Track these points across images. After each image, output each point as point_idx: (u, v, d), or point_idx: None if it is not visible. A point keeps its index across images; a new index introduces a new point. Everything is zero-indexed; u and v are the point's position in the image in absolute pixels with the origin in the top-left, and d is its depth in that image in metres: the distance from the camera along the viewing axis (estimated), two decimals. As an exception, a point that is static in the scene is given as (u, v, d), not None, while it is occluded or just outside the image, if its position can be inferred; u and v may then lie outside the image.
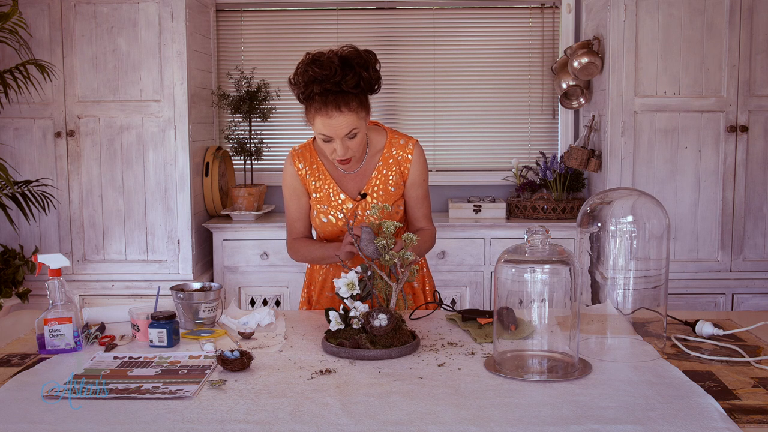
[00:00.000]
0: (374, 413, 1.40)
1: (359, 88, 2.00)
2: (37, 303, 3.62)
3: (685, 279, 3.61)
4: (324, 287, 2.31)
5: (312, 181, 2.21)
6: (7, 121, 3.63)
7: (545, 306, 1.64)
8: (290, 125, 4.25)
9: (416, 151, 2.20)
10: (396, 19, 4.21)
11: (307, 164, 2.21)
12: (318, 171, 2.21)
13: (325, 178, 2.20)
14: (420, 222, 2.27)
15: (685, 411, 1.40)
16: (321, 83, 1.97)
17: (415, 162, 2.20)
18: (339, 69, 1.96)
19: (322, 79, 1.96)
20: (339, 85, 1.97)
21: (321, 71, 1.96)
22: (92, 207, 3.66)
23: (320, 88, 1.97)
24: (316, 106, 2.00)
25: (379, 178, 2.19)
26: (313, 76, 1.97)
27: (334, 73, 1.96)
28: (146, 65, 3.58)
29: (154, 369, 1.67)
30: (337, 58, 1.97)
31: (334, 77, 1.96)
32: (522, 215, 3.92)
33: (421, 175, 2.22)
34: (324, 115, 2.00)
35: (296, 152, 2.24)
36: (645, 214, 1.81)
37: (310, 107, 2.02)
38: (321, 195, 2.20)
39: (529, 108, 4.23)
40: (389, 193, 2.19)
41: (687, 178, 3.58)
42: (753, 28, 3.50)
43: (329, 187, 2.20)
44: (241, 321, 2.02)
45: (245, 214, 3.83)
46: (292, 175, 2.23)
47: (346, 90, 1.98)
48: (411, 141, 2.21)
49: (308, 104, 2.03)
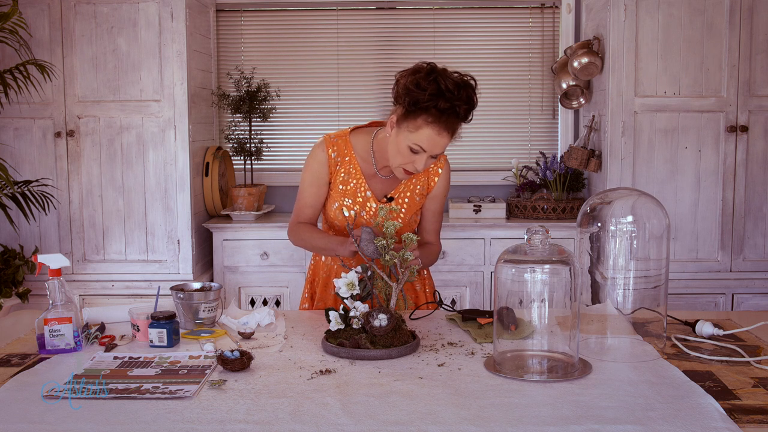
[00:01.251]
0: (374, 413, 1.40)
1: (465, 116, 2.03)
2: (37, 303, 3.62)
3: (685, 279, 3.61)
4: (328, 284, 2.31)
5: (341, 172, 2.21)
6: (7, 121, 3.63)
7: (545, 306, 1.64)
8: (290, 125, 4.25)
9: (446, 168, 2.28)
10: (396, 19, 4.21)
11: (340, 154, 2.21)
12: (350, 164, 2.21)
13: (356, 173, 2.21)
14: (429, 236, 2.31)
15: (685, 411, 1.40)
16: (447, 100, 1.95)
17: (443, 177, 2.27)
18: (463, 93, 1.97)
19: (449, 96, 1.95)
20: (457, 108, 1.97)
21: (451, 88, 1.95)
22: (92, 207, 3.66)
23: (446, 105, 1.96)
24: (429, 118, 1.97)
25: (407, 185, 2.23)
26: (442, 90, 1.95)
27: (459, 95, 1.96)
28: (146, 65, 3.58)
29: (154, 369, 1.67)
30: (463, 84, 1.98)
31: (458, 100, 1.96)
32: (522, 215, 3.92)
33: (444, 190, 2.28)
34: (435, 129, 1.98)
35: (331, 139, 2.23)
36: (645, 214, 1.81)
37: (421, 115, 1.98)
38: (348, 188, 2.21)
39: (529, 108, 4.23)
40: (414, 201, 2.23)
41: (687, 178, 3.58)
42: (753, 28, 3.50)
43: (358, 182, 2.21)
44: (241, 321, 2.02)
45: (245, 214, 3.83)
46: (321, 161, 2.22)
47: (459, 114, 1.99)
48: (443, 156, 2.28)
49: (419, 112, 1.98)
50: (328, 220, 2.30)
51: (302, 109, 4.25)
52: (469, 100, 1.99)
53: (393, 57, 4.21)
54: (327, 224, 2.33)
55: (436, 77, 1.97)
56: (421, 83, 1.97)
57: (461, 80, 1.99)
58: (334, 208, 2.24)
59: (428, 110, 1.97)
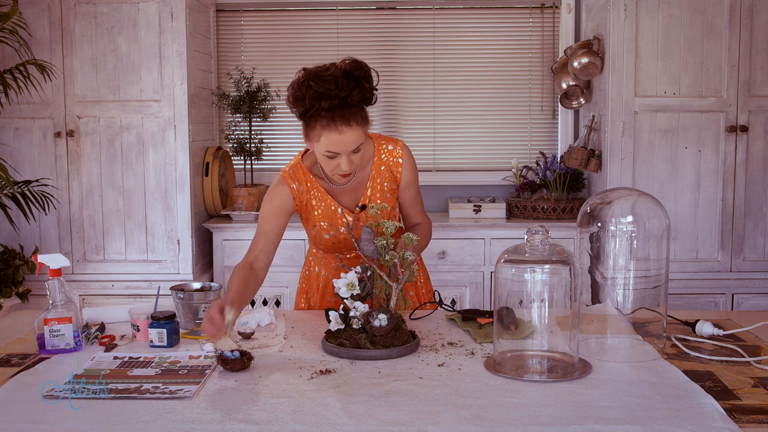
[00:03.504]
0: (374, 413, 1.40)
1: (364, 101, 1.97)
2: (37, 303, 3.62)
3: (685, 279, 3.61)
4: (325, 293, 2.30)
5: (311, 200, 2.16)
6: (7, 121, 3.63)
7: (545, 306, 1.64)
8: (290, 125, 4.25)
9: (405, 154, 2.19)
10: (396, 19, 4.21)
11: (301, 183, 2.15)
12: (313, 188, 2.15)
13: (323, 195, 2.15)
14: (416, 218, 2.28)
15: (685, 411, 1.40)
16: (329, 99, 1.90)
17: (406, 164, 2.19)
18: (345, 83, 1.91)
19: (328, 94, 1.90)
20: (346, 99, 1.92)
21: (327, 86, 1.89)
22: (92, 207, 3.66)
23: (328, 103, 1.90)
24: (322, 123, 1.93)
25: (374, 187, 2.16)
26: (319, 92, 1.90)
27: (341, 87, 1.90)
28: (146, 65, 3.58)
29: (154, 369, 1.67)
30: (340, 72, 1.92)
31: (341, 92, 1.90)
32: (522, 215, 3.92)
33: (412, 176, 2.22)
34: (333, 130, 1.93)
35: (288, 173, 2.16)
36: (645, 214, 1.81)
37: (315, 124, 1.95)
38: (320, 212, 2.15)
39: (529, 108, 4.23)
40: (386, 199, 2.18)
41: (687, 178, 3.58)
42: (753, 28, 3.50)
43: (327, 203, 2.15)
44: (241, 321, 2.02)
45: (245, 214, 3.83)
46: (285, 194, 2.14)
47: (352, 104, 1.94)
48: (398, 144, 2.19)
49: (313, 121, 1.95)
50: (315, 244, 2.24)
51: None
52: (357, 82, 1.92)
53: (393, 57, 4.21)
54: (314, 246, 2.28)
55: (308, 82, 1.91)
56: (297, 95, 1.93)
57: (338, 71, 1.91)
58: (313, 234, 2.19)
59: (316, 117, 1.93)
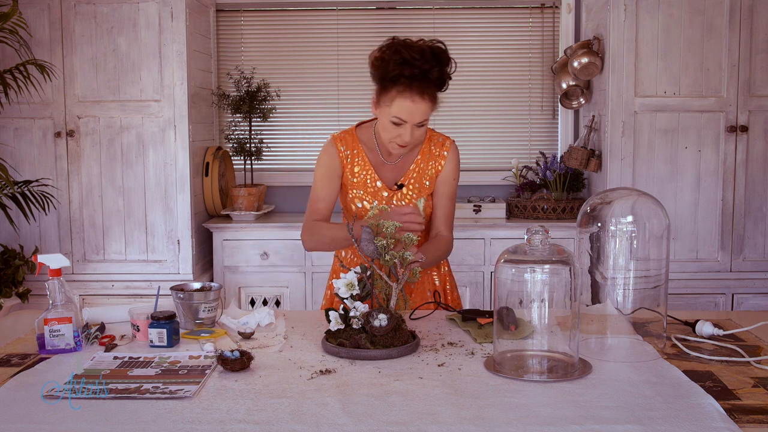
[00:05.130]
0: (374, 413, 1.40)
1: (440, 81, 2.06)
2: (37, 303, 3.62)
3: (685, 279, 3.61)
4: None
5: (354, 165, 2.24)
6: (7, 121, 3.63)
7: (545, 306, 1.64)
8: (290, 125, 4.25)
9: (452, 150, 2.29)
10: (396, 19, 4.21)
11: (349, 148, 2.24)
12: (358, 156, 2.23)
13: (365, 164, 2.23)
14: (439, 225, 2.28)
15: (685, 411, 1.40)
16: (411, 67, 2.00)
17: (450, 159, 2.27)
18: (430, 58, 2.01)
19: (413, 63, 1.99)
20: (427, 73, 2.02)
21: (413, 55, 2.00)
22: (92, 207, 3.66)
23: (410, 71, 2.00)
24: (399, 88, 2.02)
25: (416, 170, 2.24)
26: (405, 59, 2.00)
27: (425, 60, 2.00)
28: (146, 65, 3.58)
29: (154, 369, 1.67)
30: (428, 48, 2.03)
31: (425, 64, 2.00)
32: (522, 215, 3.92)
33: (452, 173, 2.28)
34: (407, 98, 2.02)
35: (338, 136, 2.26)
36: (645, 214, 1.81)
37: (392, 88, 2.03)
38: (358, 180, 2.23)
39: (529, 108, 4.23)
40: (424, 186, 2.25)
41: (687, 178, 3.58)
42: (753, 28, 3.50)
43: (367, 173, 2.23)
44: (241, 321, 2.02)
45: (245, 214, 3.83)
46: (333, 155, 2.24)
47: (431, 79, 2.03)
48: (448, 140, 2.30)
49: (390, 85, 2.04)
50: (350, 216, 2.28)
51: (302, 109, 4.25)
52: (438, 62, 2.03)
53: (393, 57, 4.21)
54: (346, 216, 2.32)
55: (397, 48, 2.01)
56: (384, 57, 2.02)
57: (425, 46, 2.03)
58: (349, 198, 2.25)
59: (397, 81, 2.02)
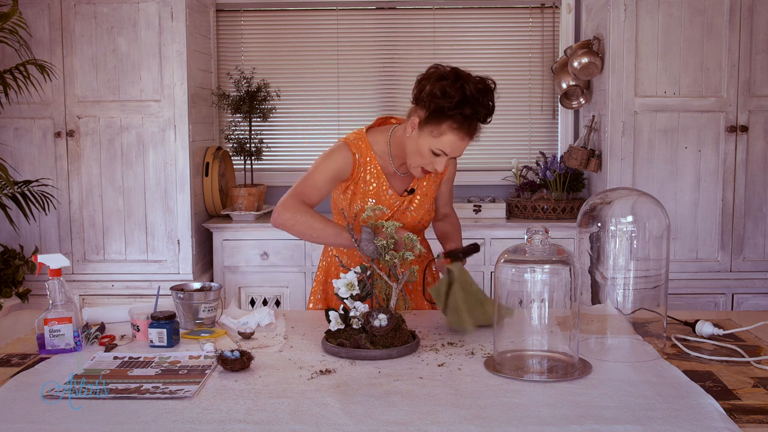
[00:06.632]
0: (374, 413, 1.40)
1: (486, 121, 2.07)
2: (37, 303, 3.62)
3: (685, 279, 3.61)
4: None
5: (366, 175, 2.23)
6: (7, 121, 3.63)
7: (545, 306, 1.64)
8: (290, 125, 4.25)
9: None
10: (396, 19, 4.21)
11: (362, 156, 2.22)
12: (371, 164, 2.23)
13: (378, 174, 2.23)
14: (446, 208, 2.45)
15: (685, 411, 1.40)
16: (472, 107, 1.99)
17: (453, 163, 2.37)
18: (487, 101, 2.02)
19: (474, 103, 1.99)
20: (479, 114, 2.02)
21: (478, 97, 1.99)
22: (92, 207, 3.66)
23: (470, 111, 1.99)
24: (454, 125, 2.01)
25: (425, 178, 2.29)
26: (468, 98, 1.99)
27: (485, 104, 2.01)
28: (146, 65, 3.58)
29: (154, 369, 1.67)
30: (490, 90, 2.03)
31: (482, 107, 2.01)
32: (522, 215, 3.92)
33: (454, 172, 2.41)
34: (458, 135, 2.03)
35: (352, 142, 2.22)
36: (645, 214, 1.81)
37: (445, 121, 2.01)
38: (371, 189, 2.22)
39: (529, 108, 4.23)
40: (431, 190, 2.31)
41: (687, 178, 3.58)
42: (753, 28, 3.50)
43: (379, 182, 2.23)
44: (241, 321, 2.02)
45: (245, 214, 3.83)
46: (348, 161, 2.19)
47: (481, 119, 2.04)
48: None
49: (444, 118, 2.01)
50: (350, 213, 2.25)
51: (302, 109, 4.25)
52: (490, 105, 2.04)
53: (393, 57, 4.21)
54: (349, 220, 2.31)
55: (462, 84, 1.99)
56: (447, 91, 1.99)
57: (485, 86, 2.03)
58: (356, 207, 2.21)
59: (453, 117, 2.01)
